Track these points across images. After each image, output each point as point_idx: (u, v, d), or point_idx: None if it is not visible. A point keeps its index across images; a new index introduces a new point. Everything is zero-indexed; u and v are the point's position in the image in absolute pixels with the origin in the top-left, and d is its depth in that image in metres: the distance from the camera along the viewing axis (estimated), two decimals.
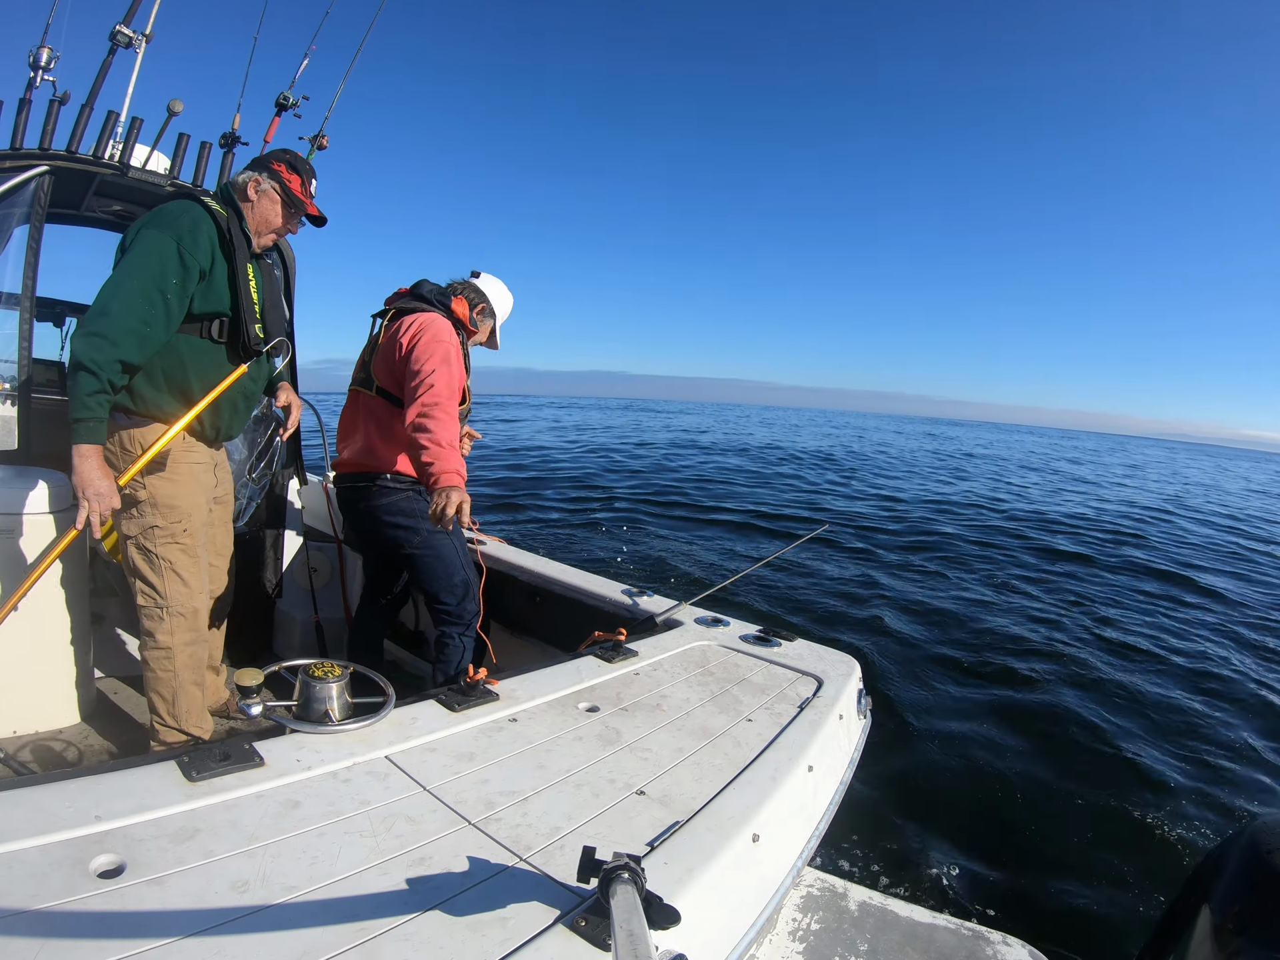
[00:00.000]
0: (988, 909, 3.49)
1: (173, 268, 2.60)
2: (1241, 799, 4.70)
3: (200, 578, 2.90)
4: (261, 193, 2.91)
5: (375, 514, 3.25)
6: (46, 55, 3.34)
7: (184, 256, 2.62)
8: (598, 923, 1.17)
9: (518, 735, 1.88)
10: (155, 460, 2.70)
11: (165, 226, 2.63)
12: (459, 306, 3.38)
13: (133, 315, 2.52)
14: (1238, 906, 1.38)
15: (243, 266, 2.82)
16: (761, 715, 2.19)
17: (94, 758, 2.98)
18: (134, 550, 2.78)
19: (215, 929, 1.09)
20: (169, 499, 2.78)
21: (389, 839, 1.36)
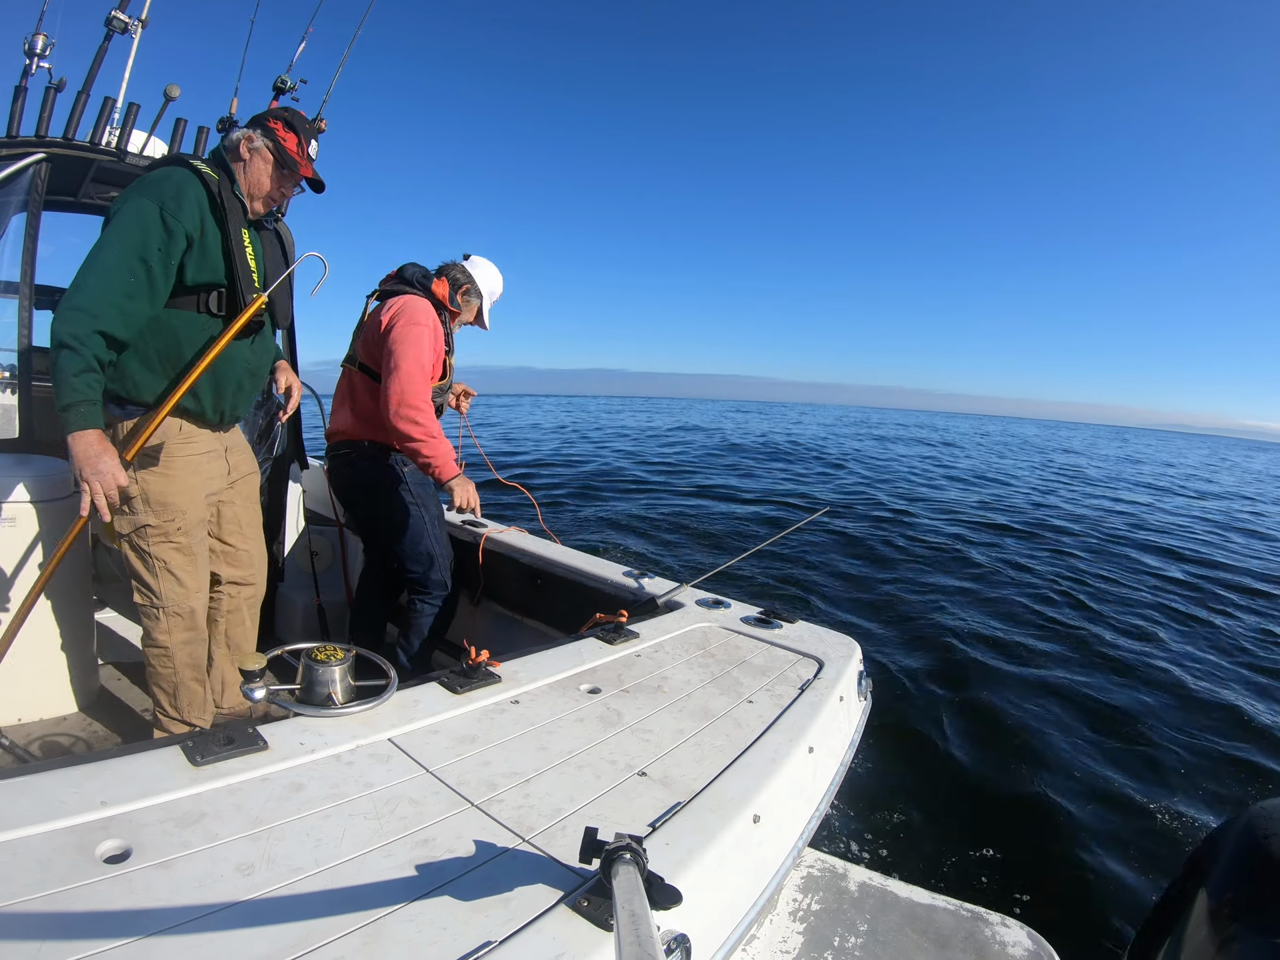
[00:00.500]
0: (987, 890, 3.51)
1: (155, 233, 2.41)
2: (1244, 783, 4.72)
3: (197, 576, 2.77)
4: (254, 151, 2.69)
5: (355, 479, 3.44)
6: (42, 42, 3.32)
7: (167, 220, 2.42)
8: (600, 903, 1.18)
9: (519, 717, 1.89)
10: (148, 453, 2.56)
11: (146, 192, 2.44)
12: (439, 288, 3.51)
13: (112, 287, 2.35)
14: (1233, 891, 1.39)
15: (236, 232, 2.62)
16: (762, 697, 2.20)
17: (98, 744, 3.00)
18: (128, 548, 2.68)
19: (221, 911, 1.10)
20: (161, 496, 2.63)
21: (392, 821, 1.37)
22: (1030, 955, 2.25)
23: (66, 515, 3.01)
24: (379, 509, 3.41)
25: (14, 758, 2.57)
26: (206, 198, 2.54)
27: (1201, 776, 4.71)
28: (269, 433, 4.24)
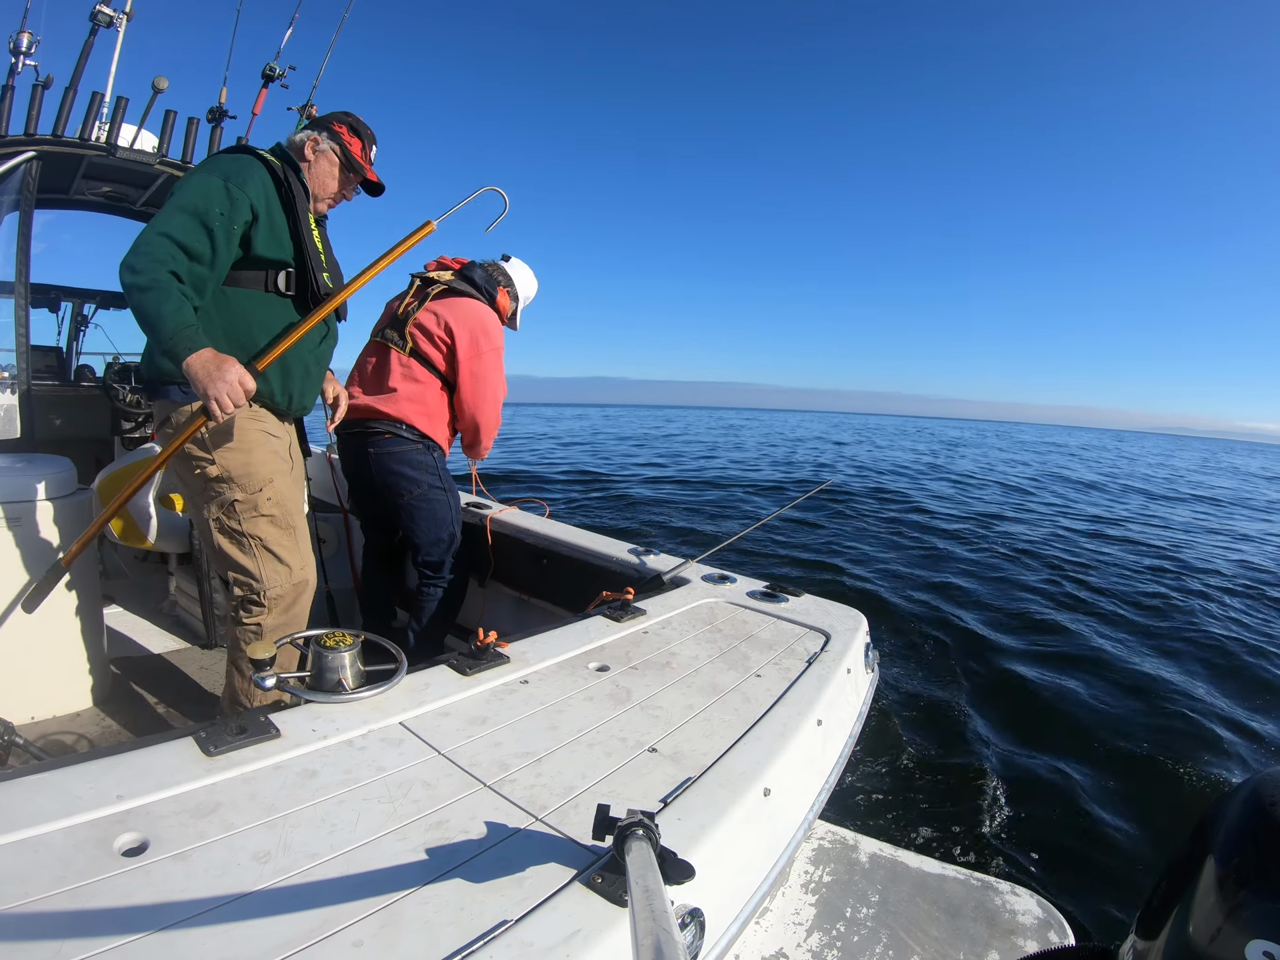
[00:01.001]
0: (996, 859, 3.53)
1: (218, 200, 2.35)
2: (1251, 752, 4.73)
3: (297, 553, 2.65)
4: (320, 153, 2.71)
5: (383, 460, 3.37)
6: (27, 40, 3.31)
7: (230, 189, 2.38)
8: (614, 879, 1.19)
9: (529, 697, 1.90)
10: (220, 432, 2.46)
11: (209, 169, 2.43)
12: (504, 301, 3.58)
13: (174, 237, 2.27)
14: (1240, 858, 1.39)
15: (304, 215, 2.59)
16: (770, 671, 2.21)
17: (111, 739, 3.01)
18: (219, 536, 2.53)
19: (239, 899, 1.11)
20: (244, 468, 2.52)
21: (406, 804, 1.38)
22: (1040, 923, 2.26)
23: (71, 513, 3.01)
24: (411, 491, 3.39)
25: (29, 755, 2.59)
26: (272, 182, 2.53)
27: (1211, 745, 4.72)
28: None
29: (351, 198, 2.88)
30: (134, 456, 4.06)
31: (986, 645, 6.04)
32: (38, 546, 2.90)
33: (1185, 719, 5.00)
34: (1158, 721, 4.96)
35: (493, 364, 3.35)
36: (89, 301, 6.50)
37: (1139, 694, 5.36)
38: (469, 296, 3.44)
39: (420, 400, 3.35)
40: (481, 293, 3.49)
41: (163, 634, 4.17)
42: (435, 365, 3.36)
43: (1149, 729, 4.85)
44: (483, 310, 3.41)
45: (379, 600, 3.87)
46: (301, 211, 2.58)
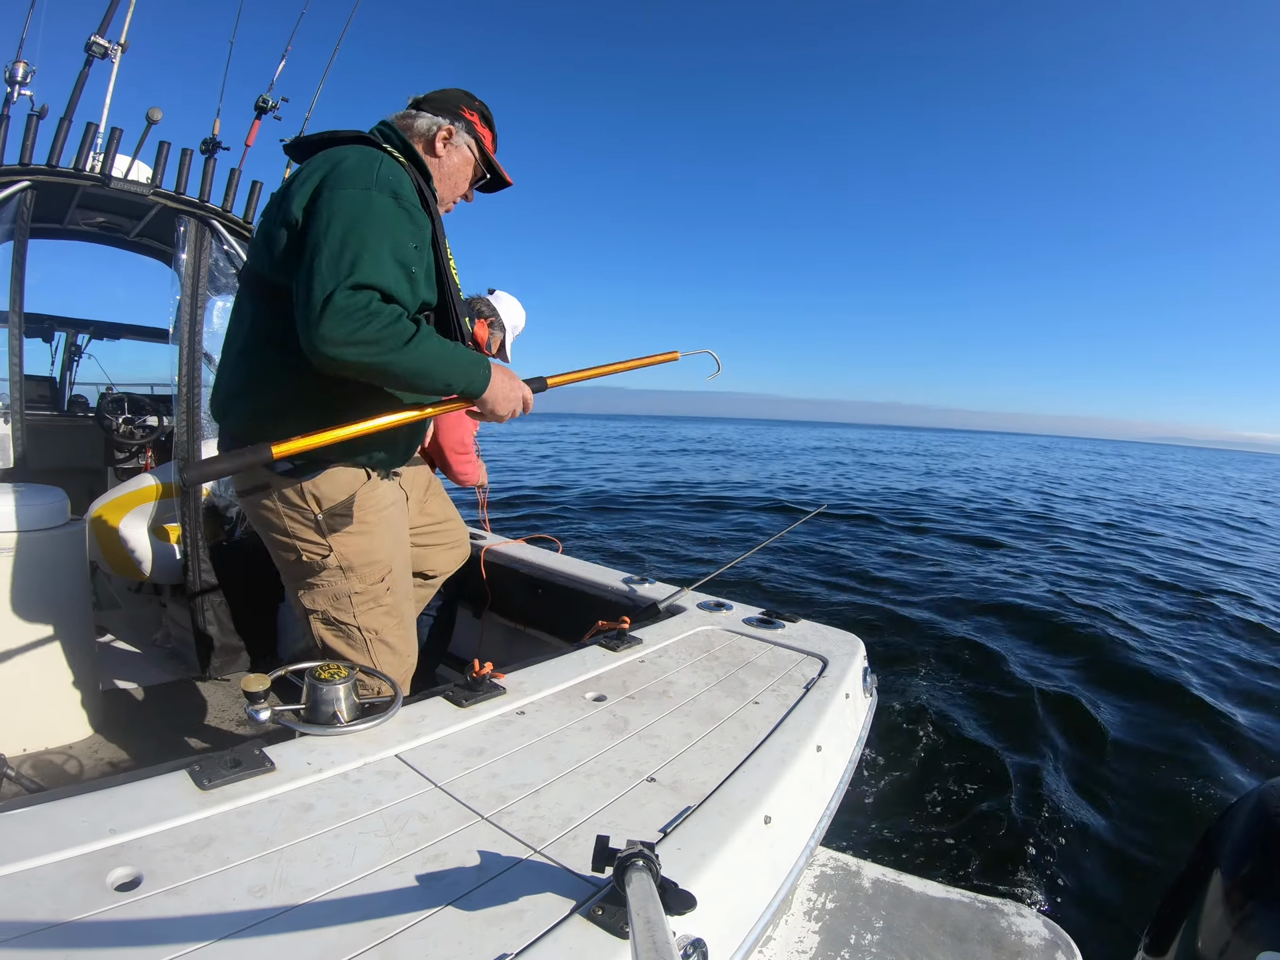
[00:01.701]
0: (1001, 880, 3.51)
1: (405, 229, 1.90)
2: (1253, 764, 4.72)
3: (409, 639, 2.38)
4: (454, 147, 2.27)
5: None
6: (23, 70, 3.33)
7: (411, 212, 1.93)
8: (614, 911, 1.18)
9: (526, 728, 1.88)
10: (337, 513, 2.12)
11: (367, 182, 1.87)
12: (480, 331, 3.58)
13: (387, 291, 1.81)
14: (1247, 869, 1.39)
15: (443, 238, 2.11)
16: (768, 697, 2.20)
17: (104, 771, 2.99)
18: (322, 628, 2.22)
19: (235, 935, 1.09)
20: (366, 555, 2.20)
21: (403, 837, 1.36)
22: (1047, 944, 2.25)
23: (63, 544, 3.00)
24: None
25: (21, 788, 2.56)
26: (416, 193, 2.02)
27: (1213, 759, 4.71)
28: None
29: (471, 199, 2.46)
30: (128, 487, 4.05)
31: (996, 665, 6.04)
32: (30, 577, 2.89)
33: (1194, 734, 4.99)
34: (1164, 737, 4.94)
35: None
36: (83, 332, 6.51)
37: (1145, 710, 5.35)
38: None
39: None
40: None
41: (156, 666, 4.14)
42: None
43: (1154, 744, 4.84)
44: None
45: None
46: (440, 233, 2.11)
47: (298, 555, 2.16)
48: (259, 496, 2.12)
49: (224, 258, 4.01)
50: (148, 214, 4.34)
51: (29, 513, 2.88)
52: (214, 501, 3.99)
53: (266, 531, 2.20)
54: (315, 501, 2.10)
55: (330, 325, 1.69)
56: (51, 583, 2.98)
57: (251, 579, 4.17)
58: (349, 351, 1.72)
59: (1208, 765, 4.62)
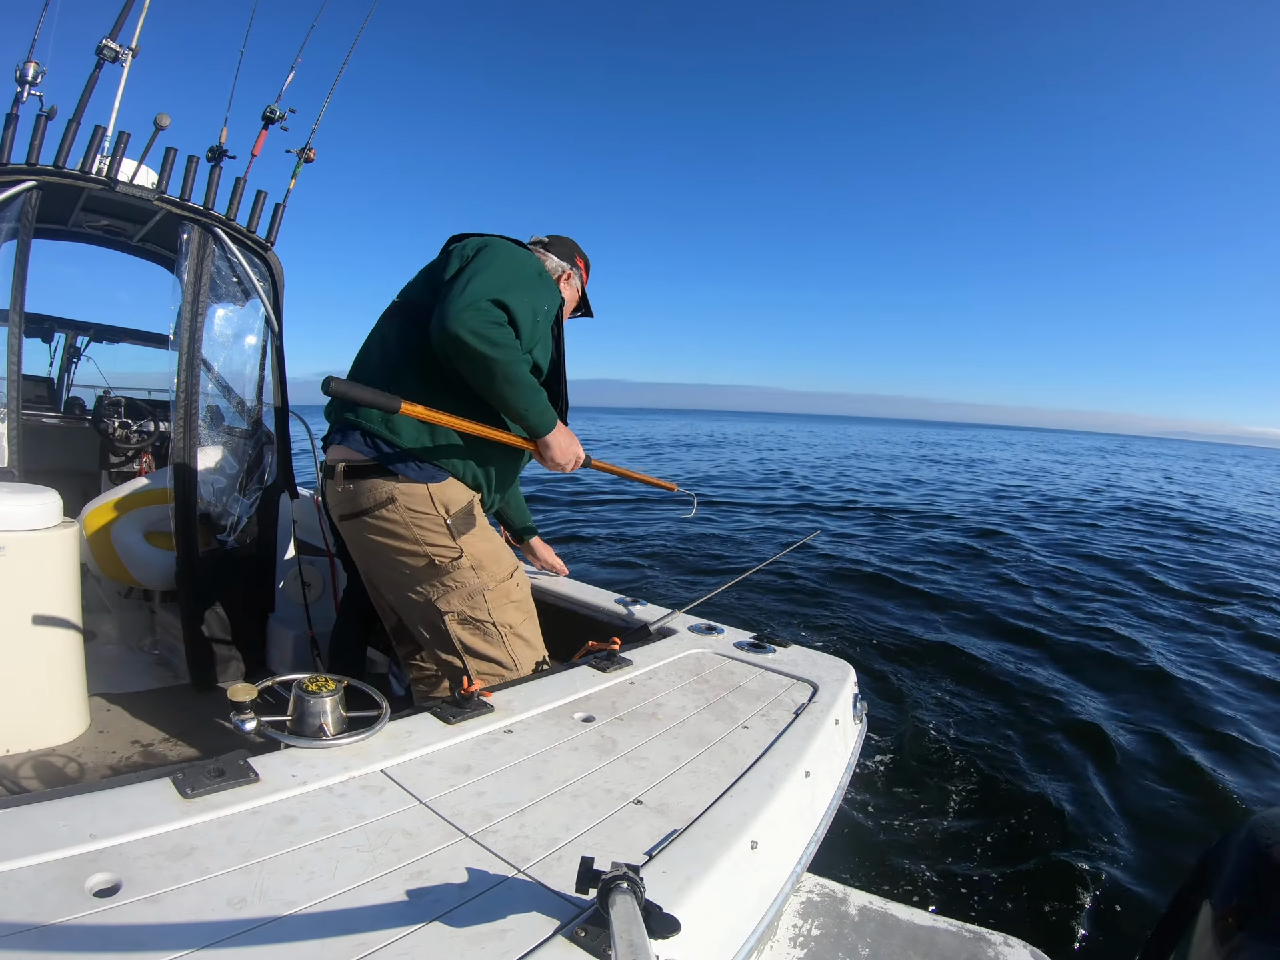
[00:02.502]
0: (989, 910, 3.49)
1: (543, 293, 2.47)
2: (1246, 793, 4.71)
3: (539, 633, 2.70)
4: (570, 286, 2.89)
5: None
6: (33, 70, 3.33)
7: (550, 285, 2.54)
8: (597, 933, 1.17)
9: (513, 746, 1.87)
10: (463, 518, 2.43)
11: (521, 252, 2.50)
12: None
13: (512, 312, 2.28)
14: (1238, 901, 1.39)
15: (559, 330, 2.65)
16: (757, 722, 2.19)
17: (88, 776, 2.97)
18: (458, 629, 2.47)
19: (213, 945, 1.08)
20: (492, 556, 2.53)
21: (386, 853, 1.35)
22: None
23: (54, 545, 2.99)
24: None
25: (2, 790, 2.55)
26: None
27: (1205, 788, 4.70)
28: (259, 464, 4.23)
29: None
30: (122, 490, 4.05)
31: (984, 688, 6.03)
32: (19, 577, 2.88)
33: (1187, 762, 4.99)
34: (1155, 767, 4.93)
35: None
36: (82, 333, 6.52)
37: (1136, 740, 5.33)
38: None
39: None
40: None
41: (144, 672, 4.13)
42: None
43: (1146, 774, 4.83)
44: None
45: (347, 657, 3.84)
46: (562, 333, 2.68)
47: (429, 560, 2.42)
48: (381, 510, 2.38)
49: (226, 266, 4.03)
50: (151, 219, 4.35)
51: (21, 512, 2.87)
52: (208, 509, 3.99)
53: (389, 542, 2.42)
54: (443, 506, 2.40)
55: (468, 315, 2.14)
56: (41, 584, 2.97)
57: (243, 588, 4.17)
58: (471, 339, 2.14)
59: (1199, 795, 4.61)
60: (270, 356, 4.30)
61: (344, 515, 2.47)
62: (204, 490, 3.94)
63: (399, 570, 2.47)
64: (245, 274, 4.07)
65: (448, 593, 2.45)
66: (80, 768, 3.02)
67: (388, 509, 2.38)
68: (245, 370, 4.31)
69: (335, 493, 2.48)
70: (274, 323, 4.22)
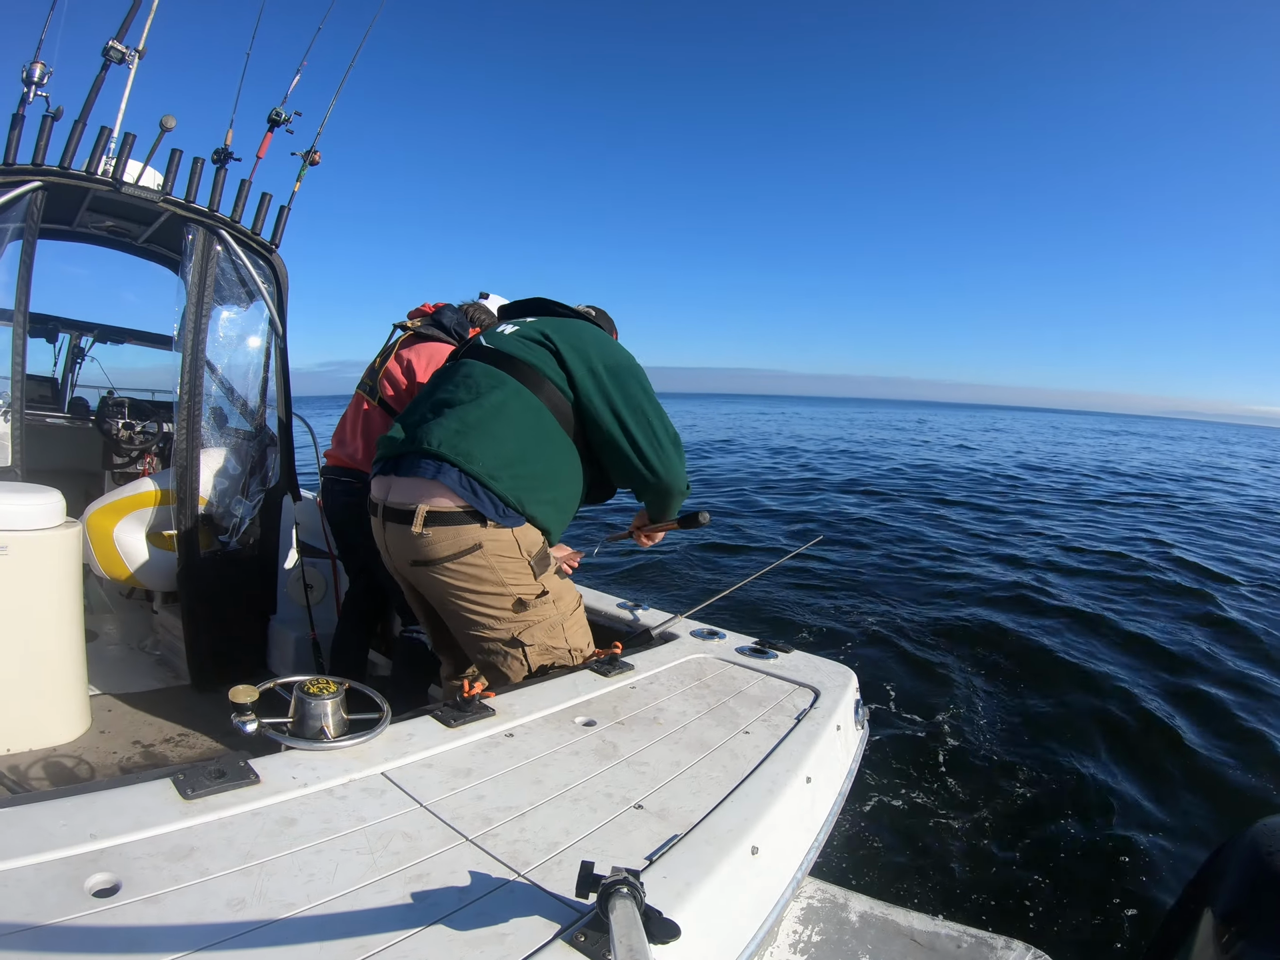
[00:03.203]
0: (990, 914, 3.49)
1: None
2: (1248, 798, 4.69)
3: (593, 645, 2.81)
4: None
5: (351, 508, 3.45)
6: (40, 71, 3.34)
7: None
8: (597, 938, 1.16)
9: (514, 750, 1.87)
10: (541, 558, 2.55)
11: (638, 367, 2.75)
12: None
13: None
14: (1239, 908, 1.38)
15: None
16: (759, 727, 2.19)
17: (89, 776, 2.97)
18: (537, 657, 2.59)
19: (212, 947, 1.08)
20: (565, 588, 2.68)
21: (386, 856, 1.35)
22: None
23: (57, 544, 2.99)
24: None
25: (3, 789, 2.55)
26: None
27: (1207, 793, 4.68)
28: (261, 465, 4.24)
29: None
30: (125, 491, 4.05)
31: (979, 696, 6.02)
32: (21, 576, 2.88)
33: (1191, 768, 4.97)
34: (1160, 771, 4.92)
35: None
36: (86, 334, 6.53)
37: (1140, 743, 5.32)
38: (435, 340, 3.49)
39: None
40: (450, 334, 3.53)
41: (144, 672, 4.13)
42: (397, 411, 3.39)
43: (1149, 779, 4.81)
44: (444, 351, 3.45)
45: (349, 659, 3.86)
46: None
47: (515, 598, 2.49)
48: (466, 557, 2.40)
49: (230, 268, 4.03)
50: (156, 220, 4.36)
51: (23, 512, 2.88)
52: (210, 510, 3.99)
53: (475, 588, 2.46)
54: (525, 549, 2.48)
55: (683, 472, 2.72)
56: (43, 583, 2.98)
57: (245, 590, 4.17)
58: (687, 492, 2.82)
59: (1203, 801, 4.60)
60: (274, 358, 4.31)
61: (417, 562, 2.46)
62: (206, 491, 3.95)
63: (481, 609, 2.50)
64: (249, 276, 4.07)
65: (530, 627, 2.54)
66: (79, 767, 3.02)
67: (472, 555, 2.41)
68: (249, 372, 4.31)
69: (406, 536, 2.44)
70: (278, 325, 4.23)
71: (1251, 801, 4.65)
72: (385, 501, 2.51)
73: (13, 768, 2.89)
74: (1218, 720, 5.83)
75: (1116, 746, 5.27)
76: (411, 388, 3.39)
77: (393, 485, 2.49)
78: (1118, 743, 5.33)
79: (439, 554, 2.40)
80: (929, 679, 6.43)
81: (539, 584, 2.52)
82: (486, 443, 2.41)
